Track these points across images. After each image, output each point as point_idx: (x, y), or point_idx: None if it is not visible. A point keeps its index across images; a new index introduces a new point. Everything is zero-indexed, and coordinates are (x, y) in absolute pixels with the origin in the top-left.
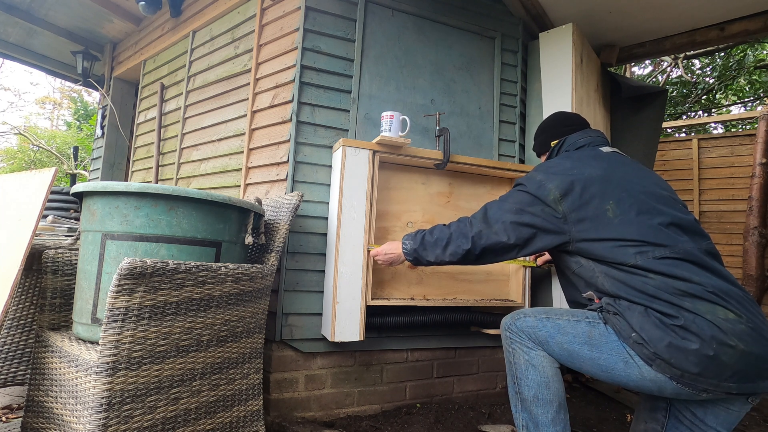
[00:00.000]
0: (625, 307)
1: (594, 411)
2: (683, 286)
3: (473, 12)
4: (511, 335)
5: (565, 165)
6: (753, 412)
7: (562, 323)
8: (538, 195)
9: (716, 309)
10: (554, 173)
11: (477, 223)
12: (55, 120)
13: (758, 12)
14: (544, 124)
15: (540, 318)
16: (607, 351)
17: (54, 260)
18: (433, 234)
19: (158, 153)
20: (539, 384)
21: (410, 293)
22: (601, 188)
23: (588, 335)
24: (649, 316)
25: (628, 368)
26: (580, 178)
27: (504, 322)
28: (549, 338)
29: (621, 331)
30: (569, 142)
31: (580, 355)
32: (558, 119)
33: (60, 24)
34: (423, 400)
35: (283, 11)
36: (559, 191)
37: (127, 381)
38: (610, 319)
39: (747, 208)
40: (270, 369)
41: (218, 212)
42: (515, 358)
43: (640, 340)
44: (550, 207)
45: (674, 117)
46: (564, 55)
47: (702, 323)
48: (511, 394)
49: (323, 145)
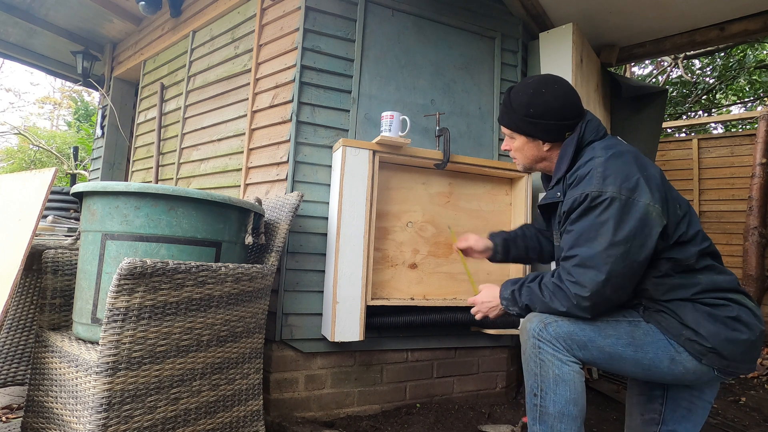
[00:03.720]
0: (675, 305)
1: (594, 411)
2: (724, 279)
3: (473, 12)
4: (542, 344)
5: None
6: (753, 412)
7: (601, 324)
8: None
9: (745, 299)
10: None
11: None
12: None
13: (758, 12)
14: (549, 103)
15: (575, 321)
16: (652, 350)
17: (54, 260)
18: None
19: (158, 153)
20: (567, 401)
21: (410, 293)
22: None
23: (631, 335)
24: (699, 311)
25: (673, 365)
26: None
27: (530, 327)
28: (588, 342)
29: (669, 328)
30: (592, 127)
31: (624, 356)
32: (568, 96)
33: (60, 24)
34: (423, 400)
35: (283, 11)
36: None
37: (127, 381)
38: (653, 317)
39: (747, 208)
40: (270, 369)
41: (218, 212)
42: (543, 371)
43: (693, 337)
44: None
45: (674, 117)
46: (564, 55)
47: (747, 313)
48: (529, 405)
49: (323, 145)
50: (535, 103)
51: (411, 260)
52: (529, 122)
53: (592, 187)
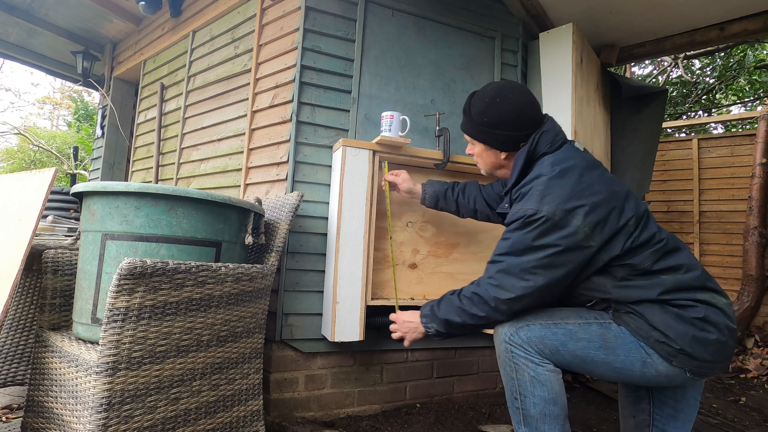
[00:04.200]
0: (642, 307)
1: (594, 411)
2: (690, 277)
3: (473, 12)
4: (514, 348)
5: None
6: (753, 412)
7: (573, 327)
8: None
9: (714, 296)
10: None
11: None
12: (55, 120)
13: (758, 12)
14: (502, 113)
15: (546, 325)
16: (623, 353)
17: (54, 260)
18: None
19: (158, 153)
20: (547, 401)
21: (410, 293)
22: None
23: (602, 338)
24: (667, 312)
25: (645, 367)
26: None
27: (502, 332)
28: (560, 346)
29: (639, 330)
30: (546, 139)
31: (595, 360)
32: (523, 106)
33: (60, 24)
34: (423, 400)
35: (283, 11)
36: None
37: (127, 381)
38: (623, 319)
39: (747, 208)
40: (270, 369)
41: (218, 212)
42: (518, 374)
43: (662, 338)
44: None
45: (674, 117)
46: (564, 55)
47: (715, 313)
48: (512, 409)
49: (323, 145)
50: (489, 113)
51: (411, 260)
52: (485, 131)
53: (530, 205)
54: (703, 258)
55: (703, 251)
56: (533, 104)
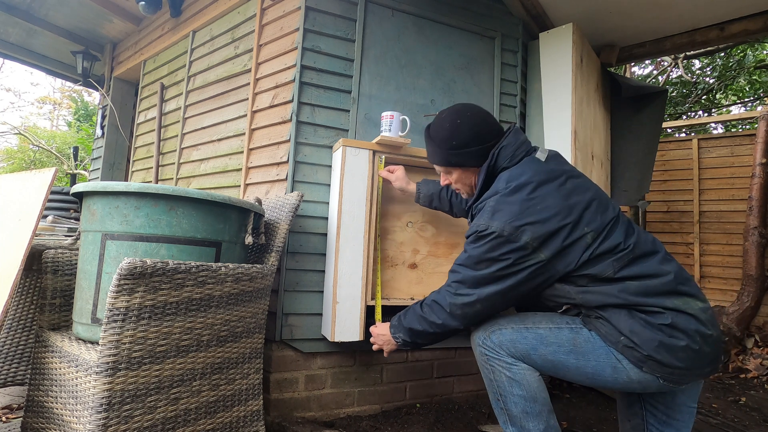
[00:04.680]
0: (609, 313)
1: (594, 411)
2: (659, 282)
3: (473, 12)
4: (487, 351)
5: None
6: (753, 412)
7: (543, 332)
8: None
9: (688, 300)
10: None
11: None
12: (55, 120)
13: (758, 12)
14: (467, 132)
15: (518, 329)
16: (593, 358)
17: (54, 260)
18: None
19: (158, 153)
20: (526, 399)
21: (410, 293)
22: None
23: (573, 343)
24: (634, 318)
25: (616, 373)
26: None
27: (476, 337)
28: (531, 350)
29: (608, 335)
30: (506, 153)
31: (566, 365)
32: (483, 121)
33: (60, 24)
34: (423, 400)
35: (283, 11)
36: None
37: (127, 381)
38: (593, 324)
39: (747, 208)
40: (270, 369)
41: (218, 212)
42: (495, 376)
43: (630, 344)
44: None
45: (674, 117)
46: (564, 55)
47: (685, 319)
48: (497, 410)
49: (323, 145)
50: (455, 135)
51: (411, 260)
52: (457, 153)
53: (482, 221)
54: (703, 258)
55: (703, 251)
56: (488, 118)
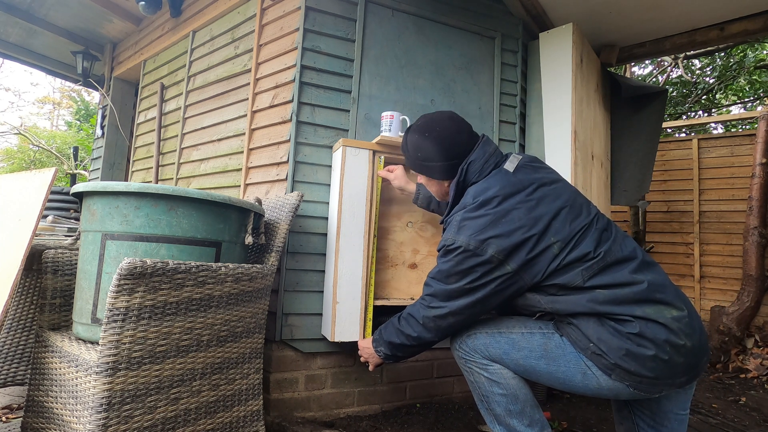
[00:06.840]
0: (579, 320)
1: (594, 411)
2: (630, 291)
3: (473, 12)
4: (463, 354)
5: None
6: (753, 412)
7: (516, 337)
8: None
9: (662, 309)
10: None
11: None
12: (55, 120)
13: (758, 12)
14: (431, 147)
15: (492, 334)
16: (564, 363)
17: (54, 260)
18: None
19: (158, 153)
20: (507, 398)
21: (410, 293)
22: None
23: (544, 348)
24: (604, 326)
25: (586, 379)
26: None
27: (453, 343)
28: (503, 355)
29: (577, 341)
30: (474, 168)
31: (537, 369)
32: (449, 138)
33: (60, 24)
34: (423, 400)
35: (283, 11)
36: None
37: (127, 381)
38: (565, 330)
39: (747, 208)
40: (270, 369)
41: (218, 212)
42: (475, 378)
43: (598, 351)
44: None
45: (674, 117)
46: (564, 55)
47: (655, 328)
48: (483, 412)
49: (323, 145)
50: (421, 147)
51: (411, 260)
52: (421, 164)
53: (449, 235)
54: (703, 258)
55: (703, 251)
56: (461, 132)
